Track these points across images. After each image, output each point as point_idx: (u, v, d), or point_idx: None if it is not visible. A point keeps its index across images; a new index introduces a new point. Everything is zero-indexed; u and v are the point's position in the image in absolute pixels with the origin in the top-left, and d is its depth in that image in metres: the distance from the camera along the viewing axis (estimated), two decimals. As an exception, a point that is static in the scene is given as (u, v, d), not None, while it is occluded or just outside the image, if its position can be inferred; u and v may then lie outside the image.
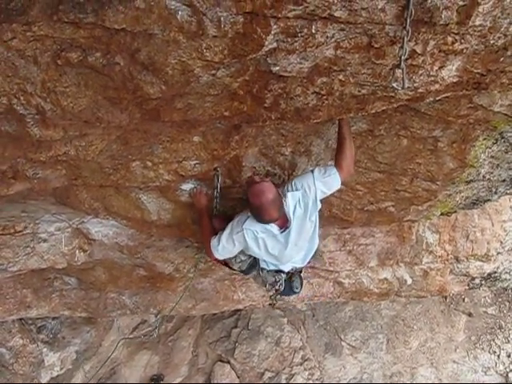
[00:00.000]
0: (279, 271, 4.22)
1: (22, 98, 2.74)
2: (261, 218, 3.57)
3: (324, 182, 3.60)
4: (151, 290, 5.54)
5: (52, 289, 5.35)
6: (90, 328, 7.43)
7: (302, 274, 4.49)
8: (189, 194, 4.11)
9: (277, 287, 4.28)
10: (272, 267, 4.20)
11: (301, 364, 8.79)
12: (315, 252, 4.26)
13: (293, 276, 4.37)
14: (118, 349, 7.66)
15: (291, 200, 3.63)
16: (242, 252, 4.04)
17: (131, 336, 8.10)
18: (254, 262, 4.22)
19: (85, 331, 7.38)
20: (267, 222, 3.62)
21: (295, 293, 4.48)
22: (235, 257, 4.10)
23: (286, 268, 4.23)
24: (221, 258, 3.96)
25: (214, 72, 2.71)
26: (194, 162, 3.74)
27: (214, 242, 3.85)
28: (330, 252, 5.79)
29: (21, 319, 6.46)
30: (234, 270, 4.37)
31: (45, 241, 4.44)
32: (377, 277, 6.30)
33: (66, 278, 5.28)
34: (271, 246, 3.76)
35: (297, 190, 3.63)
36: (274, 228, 3.67)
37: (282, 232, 3.70)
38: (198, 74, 2.70)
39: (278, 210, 3.54)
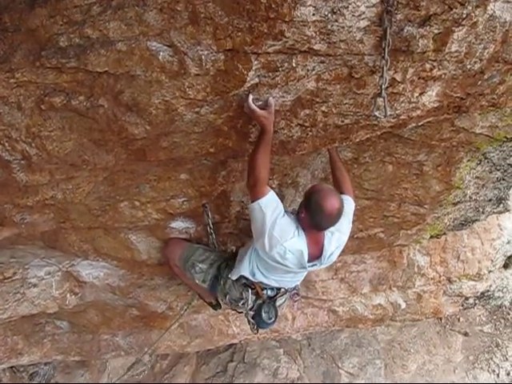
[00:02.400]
0: (247, 286, 3.71)
1: (6, 144, 2.76)
2: (319, 216, 3.09)
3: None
4: (145, 330, 5.48)
5: (44, 334, 5.27)
6: (83, 371, 7.32)
7: (276, 305, 3.94)
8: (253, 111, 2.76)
9: (240, 305, 3.81)
10: (257, 277, 3.63)
11: (299, 394, 8.69)
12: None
13: (265, 303, 3.85)
14: (112, 387, 7.54)
15: (335, 242, 3.40)
16: (202, 261, 3.93)
17: (126, 376, 7.97)
18: (218, 273, 3.91)
19: (79, 375, 7.27)
20: (322, 227, 3.23)
21: (266, 323, 3.92)
22: (193, 266, 3.95)
23: (274, 283, 3.73)
24: (256, 207, 3.10)
25: (197, 110, 2.73)
26: (182, 199, 3.73)
27: (270, 196, 3.10)
28: (323, 281, 5.77)
29: (12, 367, 6.34)
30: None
31: (35, 286, 4.38)
32: (370, 303, 6.27)
33: (57, 322, 5.20)
34: (289, 261, 3.29)
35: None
36: (304, 256, 3.27)
37: (309, 262, 3.34)
38: (182, 113, 2.72)
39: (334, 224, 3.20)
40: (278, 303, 3.92)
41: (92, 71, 2.47)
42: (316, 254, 3.35)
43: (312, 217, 3.13)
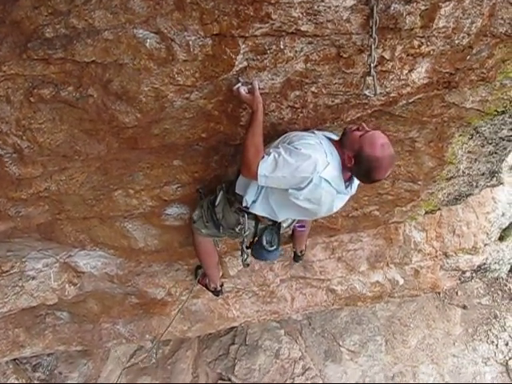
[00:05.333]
0: (243, 211, 3.43)
1: (-3, 138, 2.74)
2: (371, 174, 2.87)
3: None
4: (145, 317, 5.50)
5: (44, 325, 5.29)
6: (86, 360, 7.33)
7: (280, 231, 3.72)
8: (239, 93, 2.78)
9: (238, 230, 3.54)
10: (257, 210, 3.35)
11: (302, 374, 8.73)
12: None
13: (267, 230, 3.62)
14: (119, 378, 7.57)
15: None
16: (194, 211, 3.81)
17: (129, 364, 8.02)
18: (211, 208, 3.66)
19: (82, 364, 7.28)
20: (373, 181, 3.01)
21: (267, 251, 3.68)
22: (193, 221, 3.82)
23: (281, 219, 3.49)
24: (263, 181, 2.92)
25: (187, 95, 2.73)
26: (176, 185, 3.73)
27: (267, 160, 2.85)
28: (320, 261, 5.79)
29: (15, 359, 6.36)
30: None
31: (33, 278, 4.39)
32: (368, 280, 6.31)
33: (57, 313, 5.22)
34: (323, 200, 3.01)
35: None
36: (342, 185, 3.01)
37: (346, 187, 3.07)
38: (172, 99, 2.71)
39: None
40: (282, 230, 3.74)
41: (80, 61, 2.46)
42: (347, 179, 3.07)
43: (358, 170, 2.93)
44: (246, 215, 3.44)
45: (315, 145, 2.91)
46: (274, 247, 3.68)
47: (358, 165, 2.87)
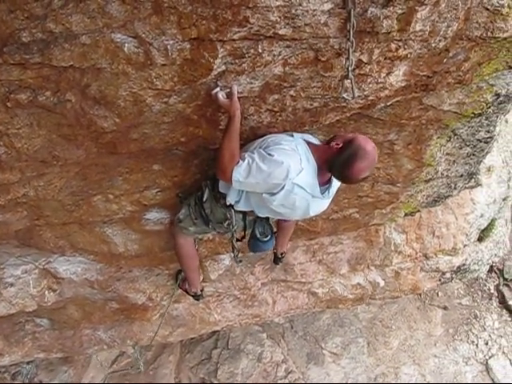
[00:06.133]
0: (230, 206, 3.45)
1: (-26, 144, 2.72)
2: (350, 164, 2.85)
3: None
4: (126, 322, 5.46)
5: (24, 333, 5.22)
6: (67, 367, 7.28)
7: (269, 221, 3.77)
8: (216, 98, 2.77)
9: (226, 225, 3.57)
10: (241, 208, 3.42)
11: (285, 377, 8.74)
12: None
13: (257, 221, 3.69)
14: (102, 384, 7.54)
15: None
16: (180, 210, 3.76)
17: (111, 370, 7.96)
18: (199, 205, 3.64)
19: (62, 371, 7.22)
20: (347, 177, 2.97)
21: (262, 242, 3.76)
22: (179, 220, 3.78)
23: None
24: (237, 186, 3.02)
25: (166, 100, 2.72)
26: (156, 190, 3.72)
27: (241, 166, 2.89)
28: (301, 264, 5.80)
29: (-8, 368, 6.30)
30: None
31: (12, 285, 4.34)
32: (349, 283, 6.33)
33: (37, 319, 5.16)
34: (297, 205, 3.06)
35: None
36: (317, 190, 3.02)
37: (322, 192, 3.07)
38: (151, 104, 2.71)
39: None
40: (270, 220, 3.79)
41: (57, 66, 2.44)
42: (325, 183, 3.11)
43: (334, 170, 2.99)
44: (233, 210, 3.48)
45: (290, 151, 2.93)
46: (269, 237, 3.77)
47: (344, 151, 2.89)
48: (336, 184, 3.19)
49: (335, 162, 2.95)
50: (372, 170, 2.97)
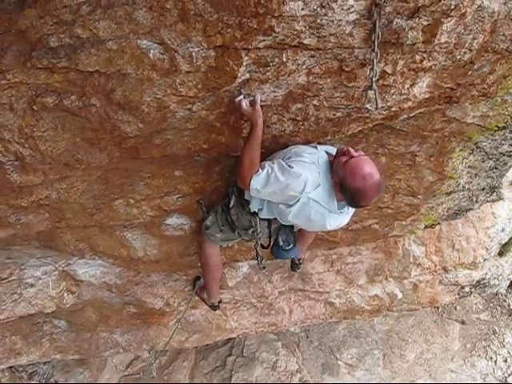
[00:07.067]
0: (256, 213, 3.48)
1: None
2: (355, 201, 2.93)
3: None
4: (143, 327, 5.48)
5: (42, 333, 5.27)
6: (83, 369, 7.32)
7: (294, 229, 3.76)
8: (240, 106, 2.77)
9: (250, 233, 3.61)
10: (265, 216, 3.46)
11: (299, 387, 8.72)
12: None
13: (281, 229, 3.71)
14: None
15: None
16: (208, 217, 3.80)
17: (125, 373, 7.98)
18: (227, 213, 3.67)
19: (78, 373, 7.26)
20: (361, 207, 3.08)
21: (285, 251, 3.77)
22: (206, 227, 3.80)
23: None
24: (255, 194, 3.05)
25: (189, 106, 2.74)
26: (177, 196, 3.74)
27: (260, 175, 2.93)
28: (319, 273, 5.78)
29: (11, 367, 6.33)
30: None
31: (32, 286, 4.39)
32: (367, 294, 6.29)
33: (55, 321, 5.21)
34: (312, 218, 3.08)
35: None
36: (333, 205, 3.04)
37: (340, 208, 3.07)
38: (174, 110, 2.73)
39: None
40: (295, 228, 3.77)
41: (83, 71, 2.48)
42: (341, 197, 3.03)
43: (345, 197, 2.95)
44: (258, 217, 3.50)
45: (310, 164, 2.96)
46: (291, 245, 3.76)
47: (343, 192, 2.92)
48: None
49: (343, 198, 2.98)
50: (380, 191, 2.95)
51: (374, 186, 2.84)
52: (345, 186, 2.87)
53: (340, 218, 3.22)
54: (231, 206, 3.62)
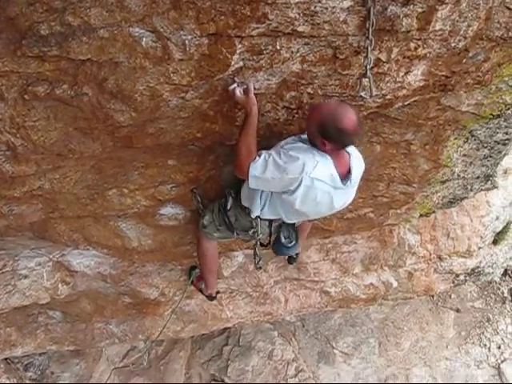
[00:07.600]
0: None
1: (-10, 135, 2.73)
2: (344, 132, 2.76)
3: None
4: (138, 317, 5.48)
5: (37, 324, 5.26)
6: (78, 360, 7.31)
7: (296, 227, 3.78)
8: (233, 94, 2.78)
9: (251, 233, 3.61)
10: (267, 216, 3.43)
11: (295, 376, 8.73)
12: None
13: (283, 226, 3.70)
14: (110, 378, 7.53)
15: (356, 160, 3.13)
16: (205, 216, 3.78)
17: (121, 364, 7.98)
18: (224, 213, 3.68)
19: (74, 364, 7.25)
20: (352, 136, 2.87)
21: (287, 248, 3.78)
22: (204, 226, 3.82)
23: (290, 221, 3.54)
24: (254, 182, 2.97)
25: (183, 95, 2.72)
26: (171, 185, 3.73)
27: (258, 161, 2.91)
28: (314, 262, 5.78)
29: (6, 359, 6.32)
30: None
31: (26, 277, 4.36)
32: (362, 283, 6.30)
33: (50, 312, 5.20)
34: (319, 200, 3.02)
35: None
36: (337, 180, 2.97)
37: (344, 182, 3.01)
38: (167, 98, 2.71)
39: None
40: (296, 224, 3.78)
41: (75, 59, 2.45)
42: (345, 173, 3.04)
43: (336, 142, 2.86)
44: (259, 218, 3.48)
45: (305, 148, 2.94)
46: (293, 242, 3.78)
47: (329, 138, 2.82)
48: (357, 171, 3.12)
49: (329, 136, 2.84)
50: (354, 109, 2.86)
51: (343, 106, 2.81)
52: (326, 131, 2.79)
53: (346, 193, 3.18)
54: (228, 207, 3.62)
